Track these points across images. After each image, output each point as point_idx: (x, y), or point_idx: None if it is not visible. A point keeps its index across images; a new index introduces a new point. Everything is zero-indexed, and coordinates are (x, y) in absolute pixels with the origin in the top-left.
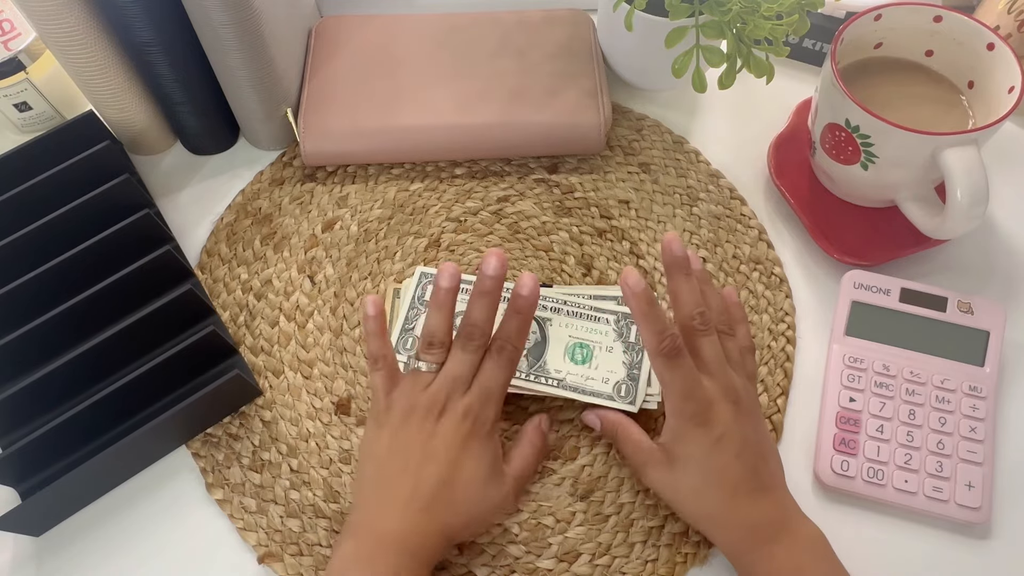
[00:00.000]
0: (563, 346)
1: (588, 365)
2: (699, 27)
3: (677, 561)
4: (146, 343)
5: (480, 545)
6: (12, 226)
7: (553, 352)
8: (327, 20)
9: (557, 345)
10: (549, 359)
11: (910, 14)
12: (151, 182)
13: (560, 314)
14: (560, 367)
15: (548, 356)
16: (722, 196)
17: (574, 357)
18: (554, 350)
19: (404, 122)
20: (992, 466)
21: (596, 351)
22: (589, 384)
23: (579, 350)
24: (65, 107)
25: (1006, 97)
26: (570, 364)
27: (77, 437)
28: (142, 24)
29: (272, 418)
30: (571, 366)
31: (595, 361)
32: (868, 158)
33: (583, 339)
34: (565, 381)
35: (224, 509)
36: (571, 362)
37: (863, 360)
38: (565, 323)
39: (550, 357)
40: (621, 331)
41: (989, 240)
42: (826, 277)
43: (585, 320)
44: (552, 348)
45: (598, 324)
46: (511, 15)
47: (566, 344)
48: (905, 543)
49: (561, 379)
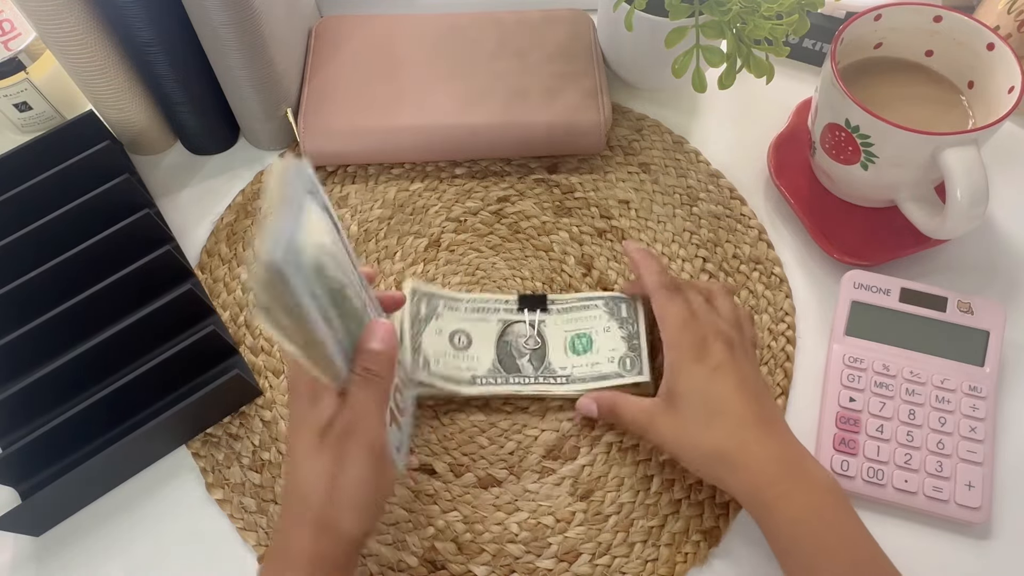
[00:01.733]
0: (562, 342)
1: (591, 352)
2: (699, 27)
3: (677, 561)
4: (146, 343)
5: (480, 545)
6: (12, 226)
7: (554, 351)
8: (327, 20)
9: (556, 343)
10: (552, 358)
11: (910, 14)
12: (151, 182)
13: (551, 314)
14: (564, 363)
15: (551, 356)
16: (722, 196)
17: (575, 348)
18: (555, 349)
19: (404, 122)
20: (992, 466)
21: (594, 336)
22: (596, 369)
23: (578, 340)
24: (65, 107)
25: (1006, 97)
26: (573, 357)
27: (77, 437)
28: (142, 24)
29: (272, 418)
30: (575, 358)
31: (596, 346)
32: (868, 158)
33: (579, 329)
34: (573, 375)
35: (224, 509)
36: (574, 354)
37: (863, 360)
38: (558, 320)
39: (553, 356)
40: (612, 310)
41: (989, 240)
42: (826, 277)
43: (576, 312)
44: (552, 347)
45: (589, 311)
46: (511, 15)
47: (564, 339)
48: (905, 543)
49: (569, 374)
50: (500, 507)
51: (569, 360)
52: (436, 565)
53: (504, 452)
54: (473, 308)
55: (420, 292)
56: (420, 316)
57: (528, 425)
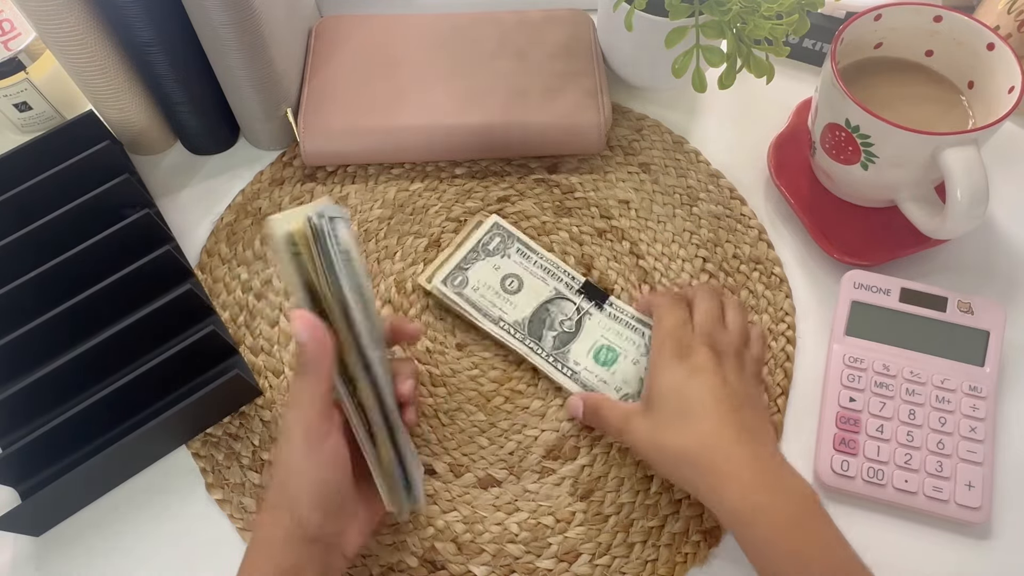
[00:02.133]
0: (592, 343)
1: (608, 369)
2: (699, 27)
3: (677, 561)
4: (146, 343)
5: (480, 545)
6: (12, 226)
7: (580, 345)
8: (327, 20)
9: (586, 340)
10: (575, 350)
11: (910, 14)
12: (151, 182)
13: (601, 313)
14: (580, 361)
15: (574, 346)
16: (722, 196)
17: (598, 357)
18: (582, 343)
19: (404, 122)
20: (992, 466)
21: (621, 359)
22: (601, 387)
23: (606, 352)
24: (65, 107)
25: (1006, 97)
26: (591, 362)
27: (77, 437)
28: (142, 24)
29: (272, 418)
30: (592, 364)
31: (616, 367)
32: (868, 158)
33: (613, 343)
34: (579, 376)
35: (224, 509)
36: (593, 360)
37: (863, 360)
38: (602, 323)
39: (576, 348)
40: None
41: (989, 240)
42: (826, 277)
43: (622, 326)
44: (581, 341)
45: (632, 333)
46: (511, 15)
47: (595, 342)
48: (905, 543)
49: (576, 373)
50: (500, 507)
51: (585, 361)
52: (436, 565)
53: (504, 452)
54: (542, 266)
55: (500, 228)
56: (486, 247)
57: (528, 425)
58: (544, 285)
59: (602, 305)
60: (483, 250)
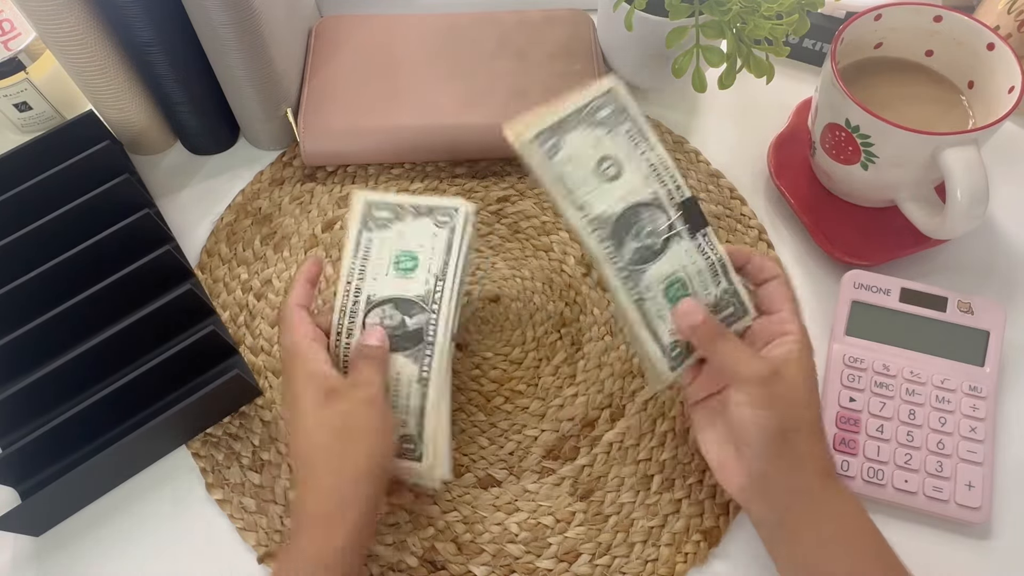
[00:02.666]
0: (671, 270)
1: (672, 307)
2: (699, 27)
3: (677, 561)
4: (146, 343)
5: (480, 545)
6: (12, 226)
7: (659, 268)
8: (327, 20)
9: (667, 265)
10: (651, 272)
11: (910, 14)
12: (151, 182)
13: (691, 241)
14: (652, 288)
15: (652, 268)
16: (722, 196)
17: (669, 290)
18: (661, 267)
19: (404, 122)
20: (992, 466)
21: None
22: (658, 325)
23: (679, 288)
24: (65, 107)
25: (1006, 97)
26: (661, 293)
27: (77, 437)
28: (142, 24)
29: (272, 418)
30: (660, 295)
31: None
32: (868, 158)
33: (691, 279)
34: (645, 304)
35: (224, 509)
36: (663, 292)
37: (863, 360)
38: (690, 252)
39: (653, 271)
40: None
41: (989, 240)
42: (826, 277)
43: (707, 265)
44: (661, 263)
45: (711, 278)
46: (511, 15)
47: (674, 271)
48: (905, 543)
49: (644, 299)
50: (500, 507)
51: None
52: (436, 565)
53: (504, 452)
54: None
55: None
56: (593, 114)
57: (528, 425)
58: (644, 183)
59: (695, 233)
60: (589, 116)
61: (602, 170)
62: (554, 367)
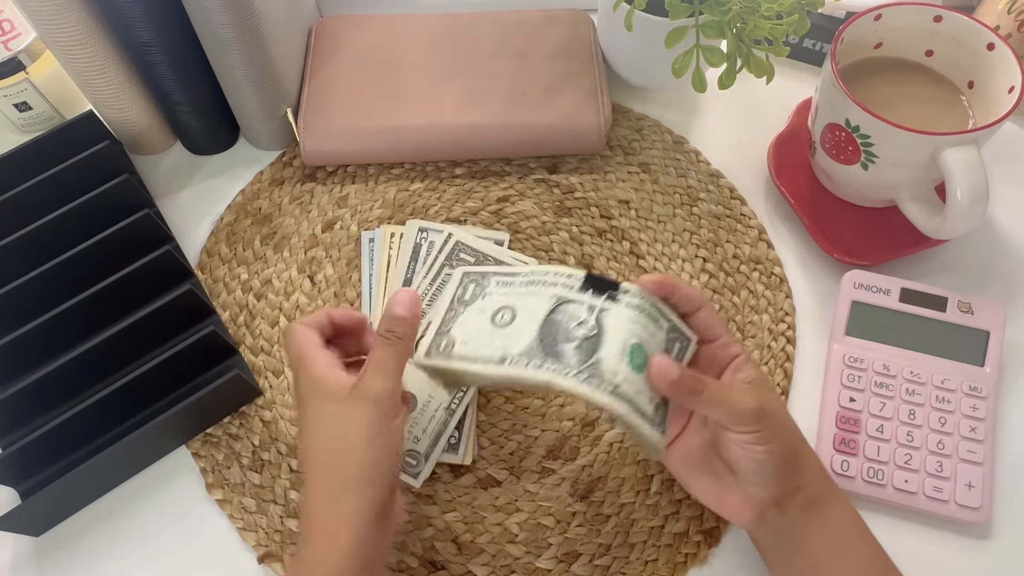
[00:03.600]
0: (621, 344)
1: (642, 376)
2: (699, 27)
3: (677, 561)
4: (146, 343)
5: (480, 545)
6: (12, 226)
7: (611, 349)
8: (327, 20)
9: (615, 341)
10: (605, 357)
11: (910, 14)
12: (151, 182)
13: (619, 303)
14: (617, 369)
15: (603, 352)
16: (722, 196)
17: (632, 360)
18: (612, 347)
19: (404, 122)
20: (992, 466)
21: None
22: (639, 400)
23: (637, 353)
24: (65, 107)
25: (1006, 97)
26: (627, 368)
27: (77, 437)
28: (142, 24)
29: (272, 418)
30: (628, 371)
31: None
32: (868, 158)
33: (641, 342)
34: (620, 388)
35: (224, 509)
36: (629, 366)
37: (863, 360)
38: (624, 316)
39: (606, 355)
40: (668, 344)
41: (989, 240)
42: (826, 277)
43: (647, 317)
44: (610, 344)
45: (655, 326)
46: (511, 15)
47: (625, 343)
48: (905, 543)
49: (617, 385)
50: (500, 507)
51: (622, 369)
52: (436, 565)
53: (504, 452)
54: (531, 281)
55: (471, 275)
56: (463, 300)
57: (528, 425)
58: (538, 299)
59: (616, 296)
60: (460, 304)
61: (499, 324)
62: None
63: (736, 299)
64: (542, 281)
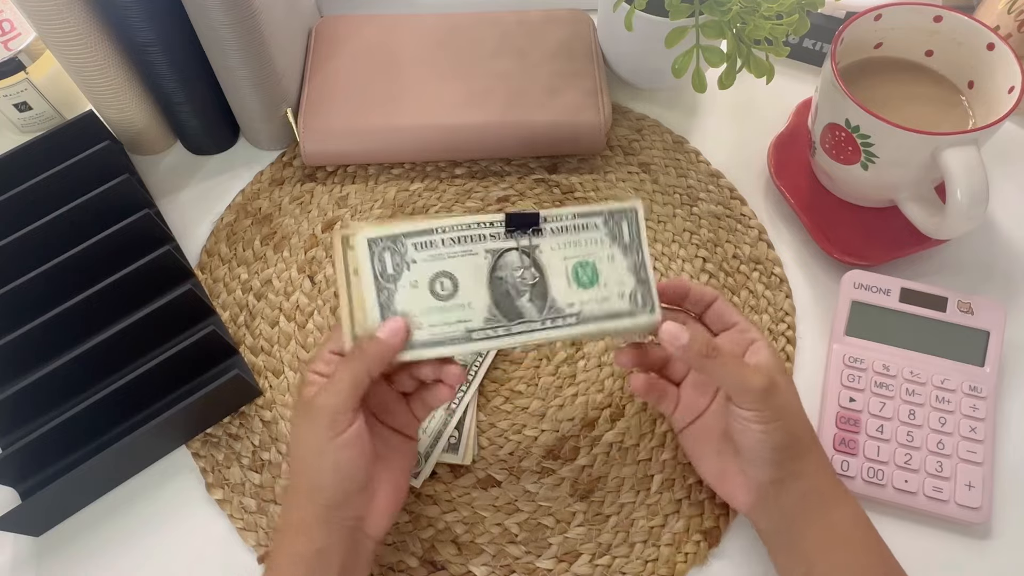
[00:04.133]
0: (564, 272)
1: (598, 285)
2: (699, 27)
3: (677, 561)
4: (146, 343)
5: (480, 545)
6: (12, 226)
7: (557, 283)
8: (327, 20)
9: (557, 274)
10: (556, 294)
11: (910, 14)
12: (151, 182)
13: (545, 236)
14: (571, 298)
15: (553, 290)
16: (722, 196)
17: (580, 280)
18: (556, 280)
19: (404, 122)
20: (992, 466)
21: (599, 265)
22: (606, 306)
23: (582, 270)
24: (65, 107)
25: (1006, 97)
26: (579, 291)
27: (77, 437)
28: (142, 24)
29: (272, 418)
30: (581, 293)
31: (603, 278)
32: (868, 158)
33: (581, 256)
34: (583, 313)
35: (224, 509)
36: (579, 287)
37: (863, 360)
38: (555, 244)
39: (556, 291)
40: (613, 233)
41: (989, 240)
42: (826, 277)
43: (574, 233)
44: (553, 279)
45: (588, 232)
46: (511, 15)
47: (566, 268)
48: (905, 543)
49: (578, 312)
50: (500, 507)
51: (576, 294)
52: (436, 566)
53: (504, 452)
54: (452, 239)
55: (380, 241)
56: (387, 274)
57: (528, 426)
58: (474, 258)
59: (539, 228)
60: (387, 281)
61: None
62: (554, 367)
63: (736, 299)
64: (467, 236)
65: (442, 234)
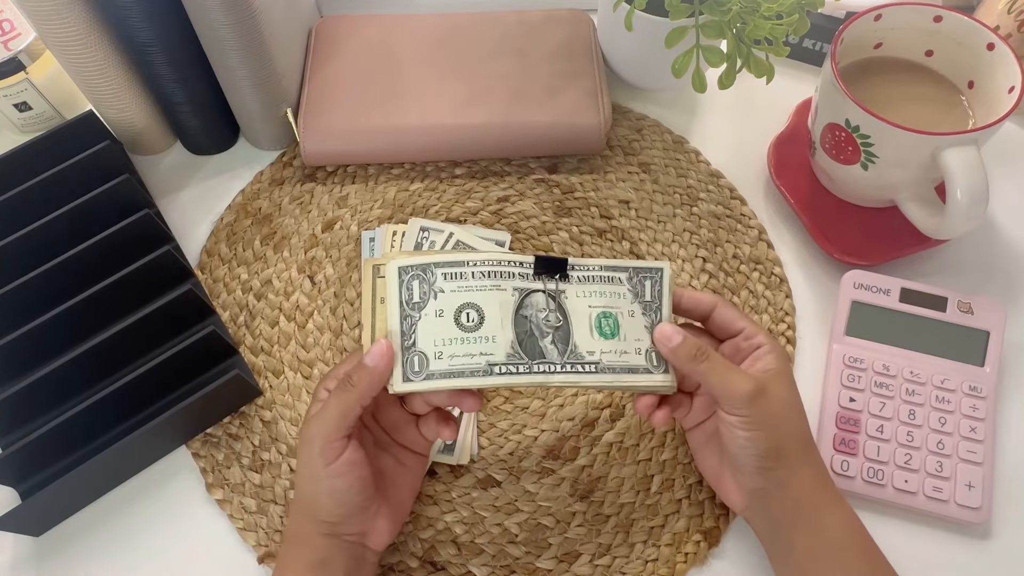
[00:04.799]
0: (587, 320)
1: (618, 337)
2: (699, 27)
3: (677, 561)
4: (146, 343)
5: (480, 546)
6: (12, 226)
7: (579, 330)
8: (327, 20)
9: (581, 320)
10: (578, 340)
11: (910, 14)
12: (151, 182)
13: (571, 283)
14: (592, 346)
15: (576, 336)
16: (722, 196)
17: (602, 330)
18: (580, 327)
19: (404, 122)
20: (992, 466)
21: (620, 319)
22: (625, 359)
23: (605, 321)
24: (65, 107)
25: (1006, 97)
26: (600, 340)
27: (77, 437)
28: (142, 24)
29: (272, 418)
30: (602, 342)
31: (622, 331)
32: (868, 158)
33: (605, 307)
34: (602, 363)
35: (224, 509)
36: (600, 337)
37: (863, 360)
38: (580, 292)
39: (578, 337)
40: (636, 290)
41: (989, 240)
42: (826, 277)
43: (599, 284)
44: (577, 325)
45: (612, 285)
46: (511, 15)
47: (589, 316)
48: (905, 543)
49: (597, 361)
50: (500, 507)
51: (597, 343)
52: (436, 566)
53: (504, 452)
54: (483, 272)
55: (409, 268)
56: (413, 302)
57: (528, 426)
58: (502, 293)
59: (567, 274)
60: (411, 310)
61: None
62: None
63: (736, 299)
64: (497, 272)
65: (472, 267)
